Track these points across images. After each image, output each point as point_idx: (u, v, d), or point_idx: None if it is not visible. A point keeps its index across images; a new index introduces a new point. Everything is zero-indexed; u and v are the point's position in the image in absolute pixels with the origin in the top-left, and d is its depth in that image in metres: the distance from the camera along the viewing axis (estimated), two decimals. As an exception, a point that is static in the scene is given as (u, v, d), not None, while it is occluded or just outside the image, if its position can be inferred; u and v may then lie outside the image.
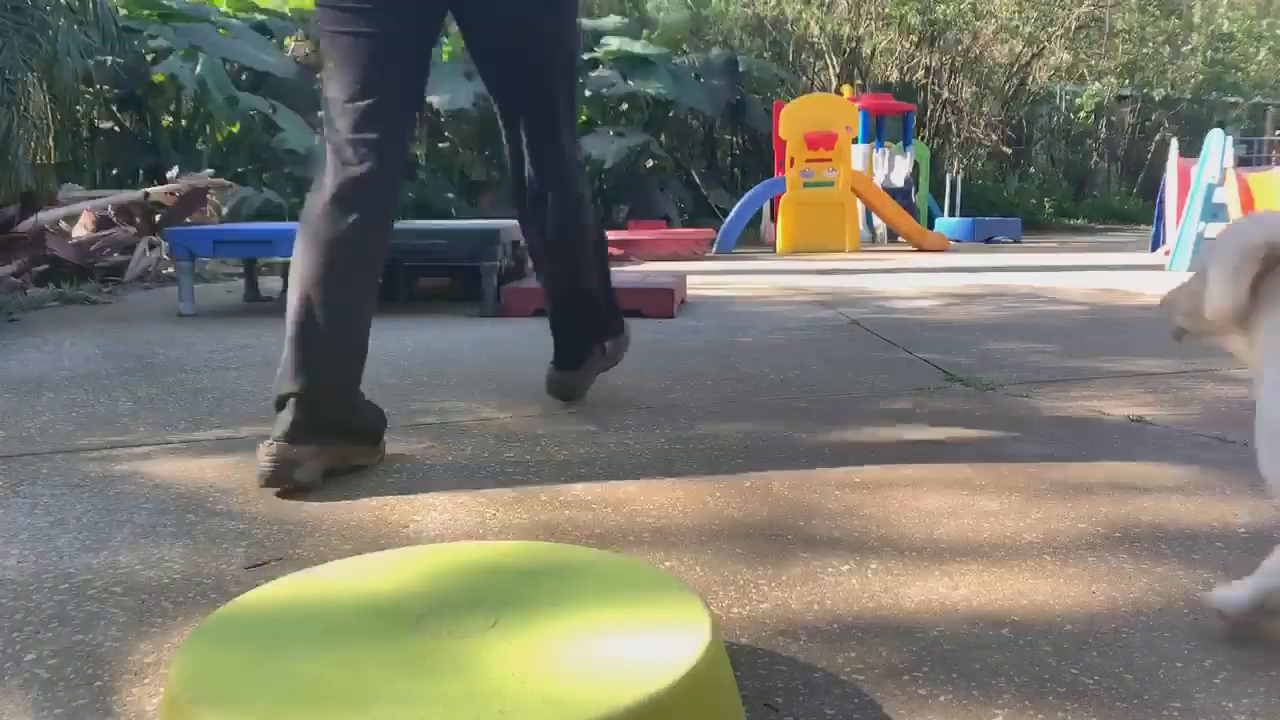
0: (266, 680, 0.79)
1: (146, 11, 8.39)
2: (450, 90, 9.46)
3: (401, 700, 0.75)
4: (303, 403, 1.65)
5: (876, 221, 9.57)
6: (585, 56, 10.42)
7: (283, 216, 7.98)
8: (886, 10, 12.88)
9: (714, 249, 8.26)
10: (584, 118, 11.16)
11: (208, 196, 6.54)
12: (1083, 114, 15.75)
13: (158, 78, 8.26)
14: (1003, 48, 13.77)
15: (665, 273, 4.92)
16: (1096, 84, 14.90)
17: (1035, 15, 13.32)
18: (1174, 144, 7.40)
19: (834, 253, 7.94)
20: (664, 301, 3.92)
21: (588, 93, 10.49)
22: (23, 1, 4.31)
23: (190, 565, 1.32)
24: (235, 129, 8.62)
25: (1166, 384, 2.49)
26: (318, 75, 10.68)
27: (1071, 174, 16.38)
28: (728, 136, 13.15)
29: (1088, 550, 1.34)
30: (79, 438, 2.02)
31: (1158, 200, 7.53)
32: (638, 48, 10.32)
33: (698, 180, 12.25)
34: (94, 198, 6.09)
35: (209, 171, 7.15)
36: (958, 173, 12.12)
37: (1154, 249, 7.46)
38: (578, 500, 1.57)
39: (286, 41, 9.99)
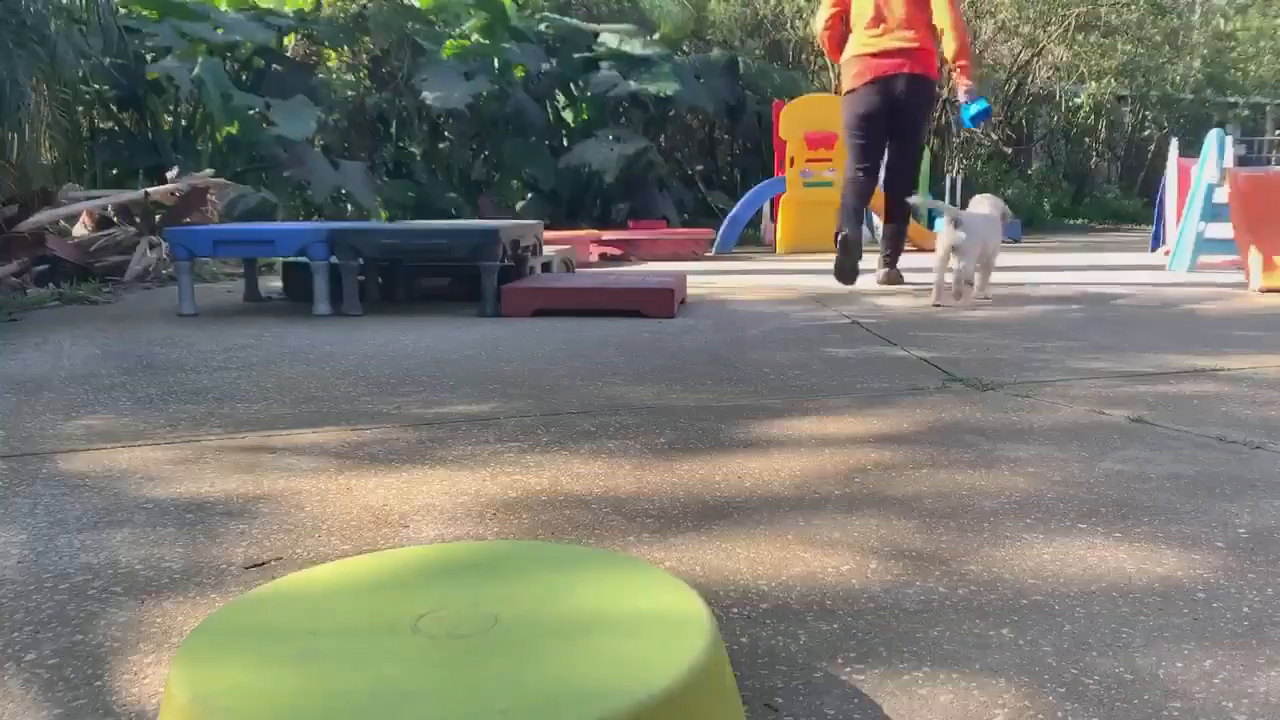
0: (266, 680, 0.79)
1: (146, 11, 8.39)
2: (450, 90, 9.45)
3: (401, 700, 0.75)
4: (888, 256, 5.12)
5: (877, 221, 9.56)
6: (585, 57, 10.43)
7: (278, 216, 7.98)
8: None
9: (714, 249, 8.26)
10: (585, 117, 11.16)
11: (208, 196, 6.54)
12: (1082, 114, 15.74)
13: (152, 76, 8.25)
14: (1003, 47, 13.76)
15: (665, 273, 4.92)
16: (1094, 83, 14.89)
17: (1035, 15, 13.31)
18: (1174, 144, 7.40)
19: (834, 253, 7.93)
20: (664, 301, 3.92)
21: (589, 94, 10.49)
22: (20, 5, 4.32)
23: (190, 565, 1.32)
24: (234, 129, 8.62)
25: (1166, 384, 2.49)
26: (317, 75, 10.68)
27: (1071, 174, 16.37)
28: (727, 137, 13.15)
29: (1087, 550, 1.34)
30: (79, 438, 2.02)
31: (1158, 200, 7.53)
32: (637, 47, 10.32)
33: (698, 180, 12.25)
34: (94, 198, 6.09)
35: (209, 171, 7.15)
36: (958, 173, 12.11)
37: (1154, 249, 7.46)
38: (578, 500, 1.57)
39: (286, 40, 9.99)
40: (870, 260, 5.16)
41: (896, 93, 4.80)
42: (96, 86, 8.27)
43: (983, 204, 4.42)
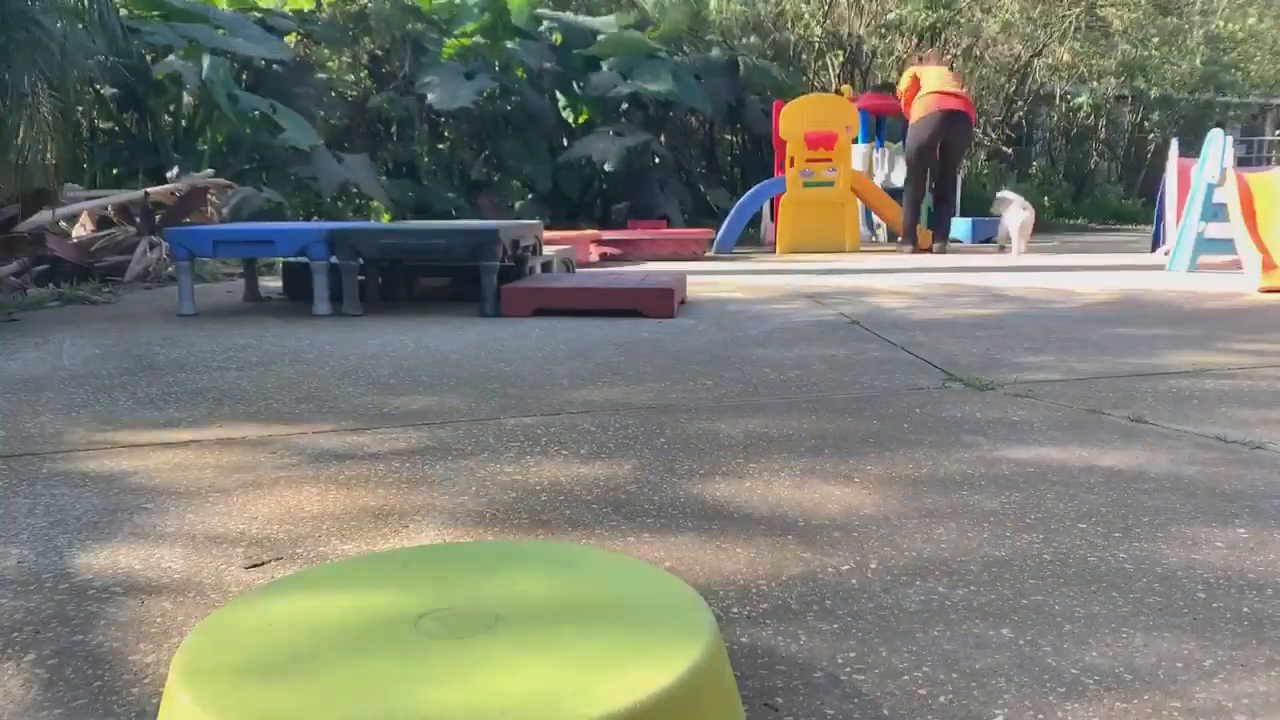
0: (266, 681, 0.79)
1: (150, 13, 8.39)
2: (451, 91, 9.45)
3: (401, 700, 0.75)
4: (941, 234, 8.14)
5: (876, 221, 9.56)
6: (586, 55, 10.42)
7: (284, 216, 7.98)
8: (888, 9, 12.87)
9: (714, 249, 8.26)
10: (585, 118, 11.15)
11: (208, 196, 6.54)
12: (1083, 114, 15.72)
13: (159, 76, 8.25)
14: (1003, 47, 13.75)
15: (665, 273, 4.92)
16: (1095, 84, 14.89)
17: (1036, 13, 13.29)
18: (1174, 144, 7.40)
19: (834, 253, 7.94)
20: (664, 301, 3.92)
21: (590, 94, 10.49)
22: (27, 4, 4.32)
23: (190, 565, 1.32)
24: (246, 131, 8.61)
25: (1166, 384, 2.49)
26: (319, 75, 10.64)
27: (1071, 174, 16.36)
28: (728, 136, 13.13)
29: (1088, 550, 1.34)
30: (79, 438, 2.02)
31: (1158, 200, 7.52)
32: (635, 38, 10.32)
33: (698, 180, 12.24)
34: (94, 198, 6.09)
35: (209, 171, 7.15)
36: (958, 173, 12.11)
37: (1154, 249, 7.46)
38: (577, 500, 1.57)
39: (286, 40, 9.98)
40: (869, 258, 5.09)
41: (952, 124, 7.68)
42: (96, 87, 8.27)
43: (1016, 194, 7.90)
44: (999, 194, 8.15)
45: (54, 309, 4.47)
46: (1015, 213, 7.58)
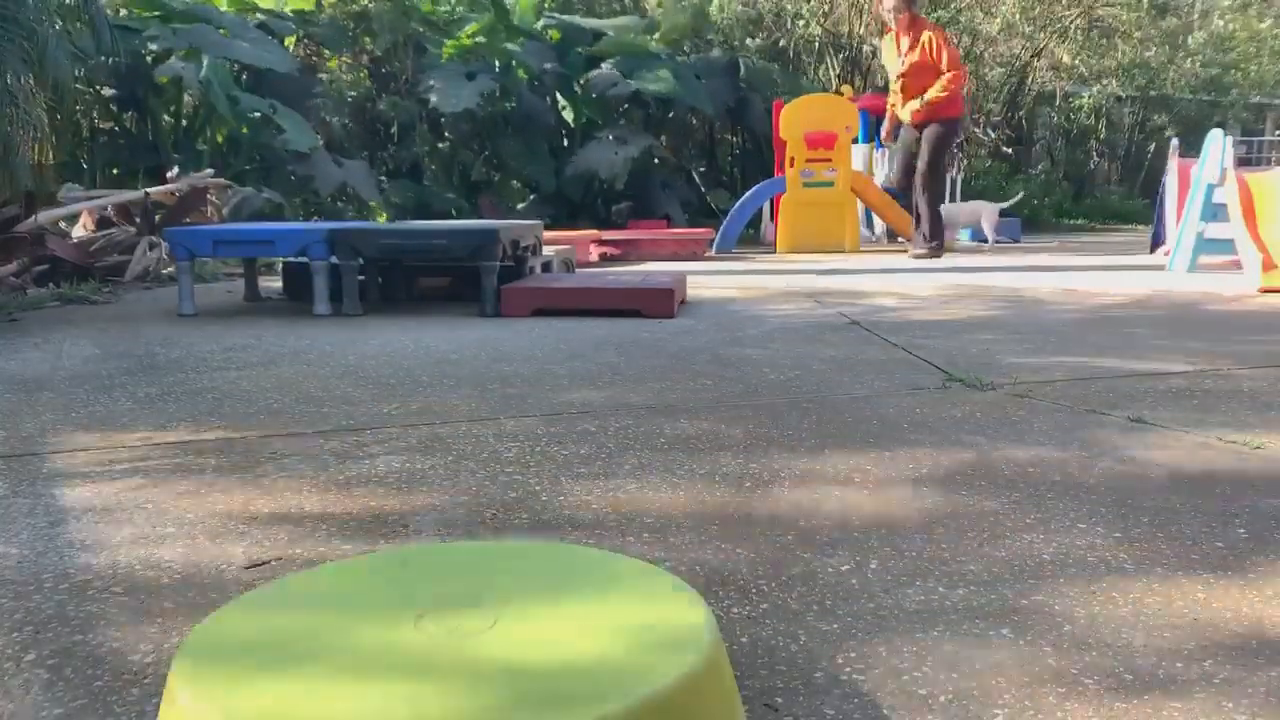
0: (266, 681, 0.79)
1: (149, 13, 8.39)
2: (451, 91, 9.45)
3: (401, 701, 0.75)
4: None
5: (876, 221, 9.56)
6: (587, 54, 10.42)
7: (284, 216, 7.98)
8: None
9: (714, 249, 8.26)
10: (585, 117, 11.15)
11: (208, 196, 6.54)
12: (1083, 114, 15.73)
13: (162, 80, 8.25)
14: (1003, 47, 13.75)
15: (665, 273, 4.92)
16: (1097, 86, 14.89)
17: (1037, 13, 13.29)
18: (1174, 144, 7.40)
19: (834, 253, 7.94)
20: (664, 301, 3.92)
21: (591, 94, 10.49)
22: (14, 5, 4.30)
23: (190, 565, 1.32)
24: (243, 130, 8.61)
25: (1166, 384, 2.49)
26: (319, 75, 10.62)
27: (1072, 174, 16.36)
28: (728, 137, 13.13)
29: (1087, 550, 1.34)
30: (79, 438, 2.02)
31: (1157, 200, 7.53)
32: (636, 40, 10.32)
33: (698, 180, 12.24)
34: (94, 198, 6.09)
35: (209, 171, 7.15)
36: (958, 173, 12.10)
37: (1153, 249, 7.46)
38: (578, 500, 1.57)
39: (286, 42, 9.98)
40: (869, 259, 5.08)
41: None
42: (97, 87, 8.26)
43: (977, 202, 9.09)
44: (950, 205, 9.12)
45: (54, 309, 4.47)
46: (983, 211, 8.87)
